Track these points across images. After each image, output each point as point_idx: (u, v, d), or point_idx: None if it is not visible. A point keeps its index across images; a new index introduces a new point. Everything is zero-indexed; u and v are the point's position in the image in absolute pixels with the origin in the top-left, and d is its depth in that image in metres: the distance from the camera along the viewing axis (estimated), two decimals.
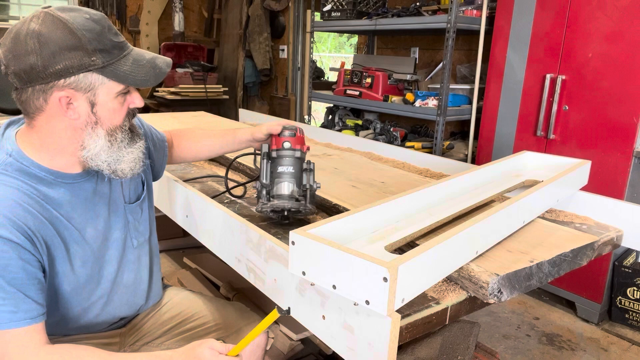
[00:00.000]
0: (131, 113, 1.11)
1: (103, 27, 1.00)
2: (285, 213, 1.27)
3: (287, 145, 1.29)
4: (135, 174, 1.14)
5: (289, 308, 0.96)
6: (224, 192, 1.56)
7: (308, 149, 1.34)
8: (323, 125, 4.16)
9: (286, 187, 1.26)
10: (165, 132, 1.47)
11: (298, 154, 1.29)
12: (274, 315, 0.95)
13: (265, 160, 1.30)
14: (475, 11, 2.97)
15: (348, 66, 4.15)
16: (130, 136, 1.11)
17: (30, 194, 1.00)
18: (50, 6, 1.00)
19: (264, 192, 1.28)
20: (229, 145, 1.46)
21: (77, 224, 1.08)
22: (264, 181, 1.28)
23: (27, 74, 0.96)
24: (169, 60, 1.11)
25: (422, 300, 0.93)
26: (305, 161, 1.32)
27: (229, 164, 1.66)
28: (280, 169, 1.28)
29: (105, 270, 1.17)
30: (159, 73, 1.07)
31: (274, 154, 1.29)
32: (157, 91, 4.88)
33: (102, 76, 0.99)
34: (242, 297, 2.07)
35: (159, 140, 1.40)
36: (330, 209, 1.40)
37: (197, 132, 1.51)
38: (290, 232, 0.86)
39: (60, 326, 1.13)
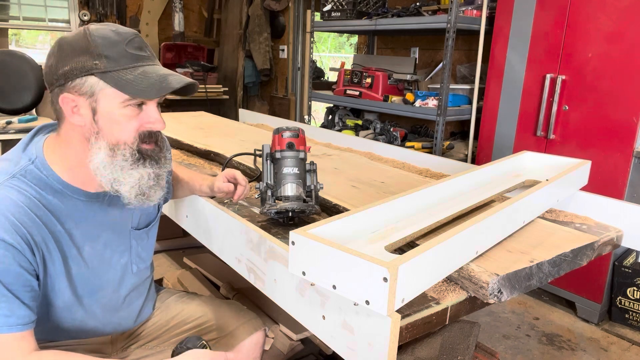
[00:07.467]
0: (147, 135, 1.04)
1: (122, 39, 0.99)
2: (290, 214, 1.26)
3: (291, 146, 1.28)
4: (143, 204, 1.07)
5: None
6: None
7: (309, 149, 1.34)
8: (323, 125, 4.16)
9: (293, 188, 1.26)
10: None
11: (302, 154, 1.29)
12: None
13: (268, 161, 1.30)
14: (475, 11, 2.97)
15: (348, 66, 4.14)
16: (138, 157, 1.02)
17: (39, 204, 1.00)
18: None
19: (269, 193, 1.27)
20: (193, 192, 1.42)
21: (77, 241, 1.07)
22: (270, 182, 1.28)
23: (47, 75, 1.01)
24: (187, 80, 1.02)
25: (422, 300, 0.93)
26: (308, 162, 1.32)
27: (226, 163, 1.66)
28: (285, 170, 1.27)
29: (100, 292, 1.16)
30: (164, 87, 0.99)
31: (277, 155, 1.29)
32: None
33: (102, 81, 0.97)
34: (242, 297, 2.07)
35: (168, 184, 1.39)
36: (330, 209, 1.40)
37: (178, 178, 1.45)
38: (290, 232, 0.85)
39: (50, 333, 1.13)
